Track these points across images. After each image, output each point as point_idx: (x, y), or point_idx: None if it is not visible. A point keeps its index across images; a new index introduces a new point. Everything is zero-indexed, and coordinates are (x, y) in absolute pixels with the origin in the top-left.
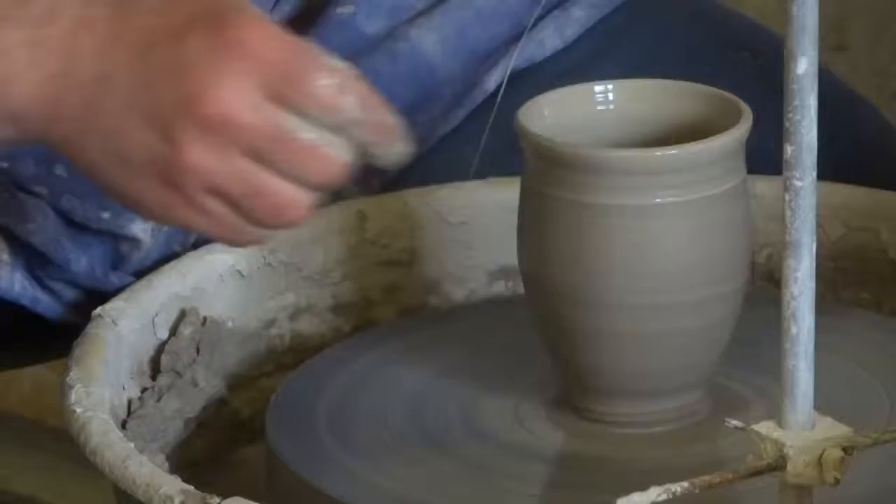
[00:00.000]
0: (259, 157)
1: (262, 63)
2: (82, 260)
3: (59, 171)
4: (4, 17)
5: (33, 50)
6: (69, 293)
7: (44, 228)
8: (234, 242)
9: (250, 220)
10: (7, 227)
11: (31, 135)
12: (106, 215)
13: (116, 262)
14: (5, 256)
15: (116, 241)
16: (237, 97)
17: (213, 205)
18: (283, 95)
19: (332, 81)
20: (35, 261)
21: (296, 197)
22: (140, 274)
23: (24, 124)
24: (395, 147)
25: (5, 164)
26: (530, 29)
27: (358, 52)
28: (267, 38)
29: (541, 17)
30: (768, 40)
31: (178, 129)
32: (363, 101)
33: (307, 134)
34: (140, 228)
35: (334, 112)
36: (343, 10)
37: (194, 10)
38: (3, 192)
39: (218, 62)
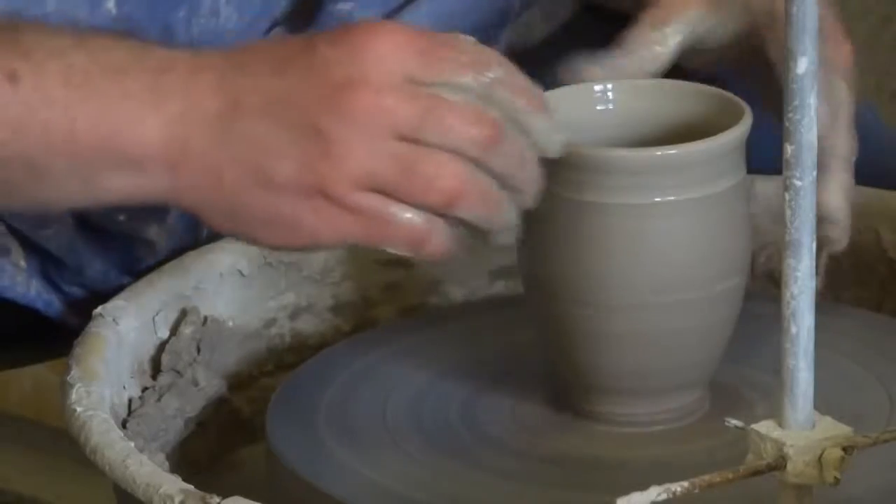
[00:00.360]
0: (410, 134)
1: (396, 46)
2: (97, 264)
3: None
4: (123, 69)
5: (154, 94)
6: (83, 297)
7: (59, 234)
8: (391, 243)
9: (407, 201)
10: (23, 232)
11: (153, 185)
12: (121, 218)
13: (131, 265)
14: (22, 262)
15: (132, 245)
16: (382, 79)
17: (367, 200)
18: (426, 69)
19: (469, 48)
20: (50, 265)
21: (452, 165)
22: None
23: (146, 173)
24: (542, 117)
25: None
26: (518, 15)
27: None
28: (391, 27)
29: (528, 5)
30: None
31: (325, 124)
32: (502, 64)
33: (456, 99)
34: (155, 232)
35: (478, 71)
36: (343, 6)
37: (312, 37)
38: None
39: (354, 54)
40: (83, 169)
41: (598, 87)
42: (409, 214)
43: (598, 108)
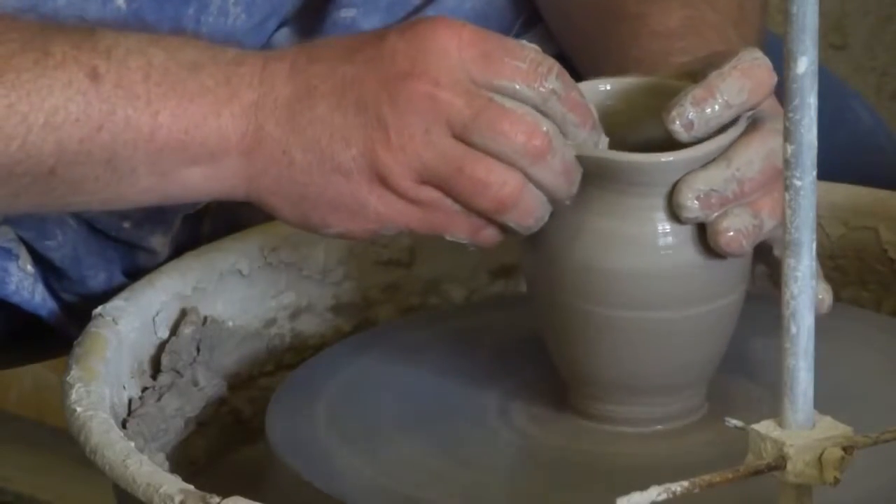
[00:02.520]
0: (461, 132)
1: (461, 44)
2: (100, 275)
3: None
4: (199, 65)
5: (229, 88)
6: (83, 308)
7: (63, 245)
8: (452, 233)
9: (459, 201)
10: (30, 241)
11: (228, 175)
12: (126, 225)
13: (133, 273)
14: (29, 268)
15: (134, 252)
16: (442, 73)
17: (424, 193)
18: (486, 71)
19: (531, 55)
20: (52, 276)
21: (501, 172)
22: None
23: (222, 164)
24: (590, 133)
25: None
26: (517, 36)
27: None
28: (460, 26)
29: (527, 28)
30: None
31: (385, 112)
32: (561, 76)
33: (513, 105)
34: (159, 242)
35: (536, 80)
36: (346, 14)
37: (384, 28)
38: None
39: (420, 47)
40: (163, 163)
41: (600, 87)
42: (465, 215)
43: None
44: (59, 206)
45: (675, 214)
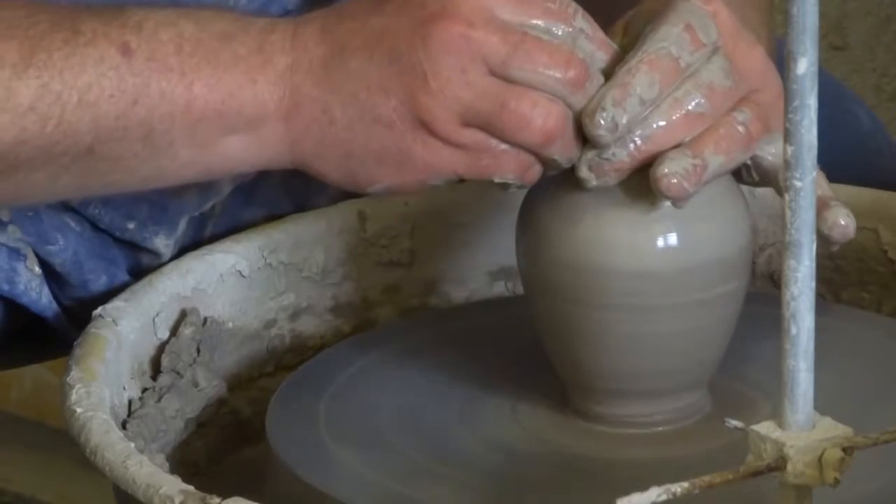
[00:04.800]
0: (499, 69)
1: None
2: (102, 279)
3: None
4: (231, 35)
5: (262, 55)
6: (85, 312)
7: (64, 249)
8: (500, 174)
9: (503, 138)
10: (32, 245)
11: (268, 142)
12: (131, 225)
13: (135, 274)
14: (37, 269)
15: (137, 253)
16: (474, 13)
17: (468, 135)
18: (516, 9)
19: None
20: (53, 281)
21: (544, 104)
22: None
23: (261, 130)
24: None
25: None
26: None
27: None
28: None
29: None
30: None
31: (421, 57)
32: (586, 17)
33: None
34: (162, 243)
35: (566, 20)
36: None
37: None
38: (28, 210)
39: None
40: (201, 135)
41: None
42: (510, 147)
43: None
44: (100, 185)
45: (674, 212)
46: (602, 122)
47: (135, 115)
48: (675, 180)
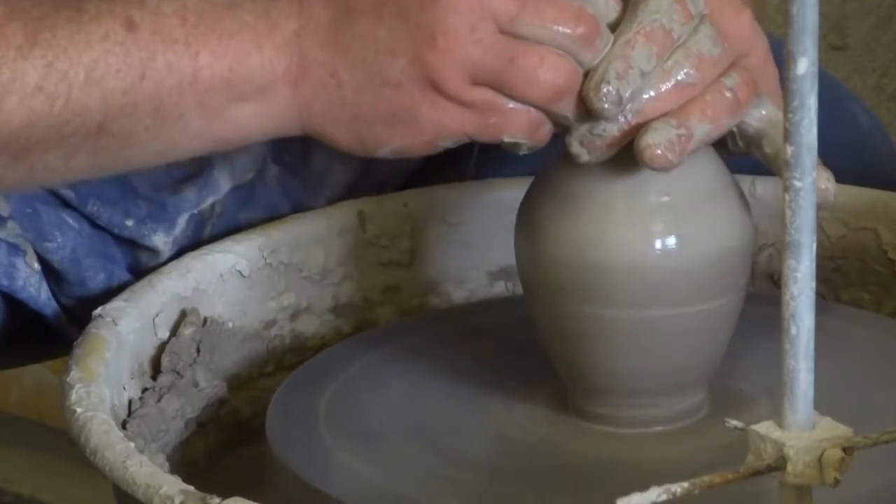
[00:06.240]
0: (508, 26)
1: None
2: (100, 276)
3: None
4: (234, 3)
5: (268, 21)
6: (83, 309)
7: (62, 246)
8: (509, 132)
9: (515, 98)
10: (30, 242)
11: (277, 108)
12: (129, 223)
13: (134, 272)
14: (36, 265)
15: (136, 251)
16: None
17: (476, 93)
18: None
19: None
20: (52, 278)
21: (553, 59)
22: None
23: (269, 97)
24: None
25: None
26: None
27: None
28: None
29: None
30: None
31: (429, 16)
32: None
33: None
34: (161, 241)
35: None
36: None
37: None
38: (27, 207)
39: None
40: (210, 104)
41: None
42: (520, 105)
43: None
44: (113, 162)
45: (674, 211)
46: (606, 95)
47: (143, 89)
48: (660, 151)
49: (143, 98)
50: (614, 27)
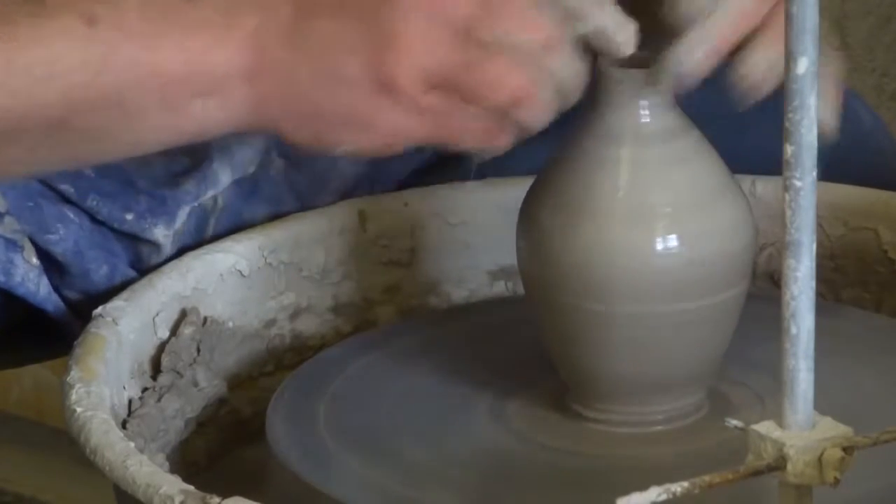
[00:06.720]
0: (470, 31)
1: None
2: (103, 269)
3: (87, 170)
4: None
5: (229, 16)
6: (86, 303)
7: (64, 238)
8: (463, 140)
9: (473, 104)
10: (31, 235)
11: (236, 103)
12: (129, 217)
13: (135, 266)
14: (34, 260)
15: (137, 245)
16: None
17: (433, 100)
18: None
19: None
20: (54, 271)
21: (512, 68)
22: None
23: (227, 93)
24: (608, 16)
25: None
26: None
27: None
28: None
29: None
30: None
31: (387, 18)
32: None
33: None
34: (161, 234)
35: None
36: None
37: None
38: (28, 201)
39: None
40: (171, 98)
41: None
42: (477, 112)
43: None
44: (76, 157)
45: (675, 212)
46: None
47: (104, 84)
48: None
49: (105, 92)
50: None
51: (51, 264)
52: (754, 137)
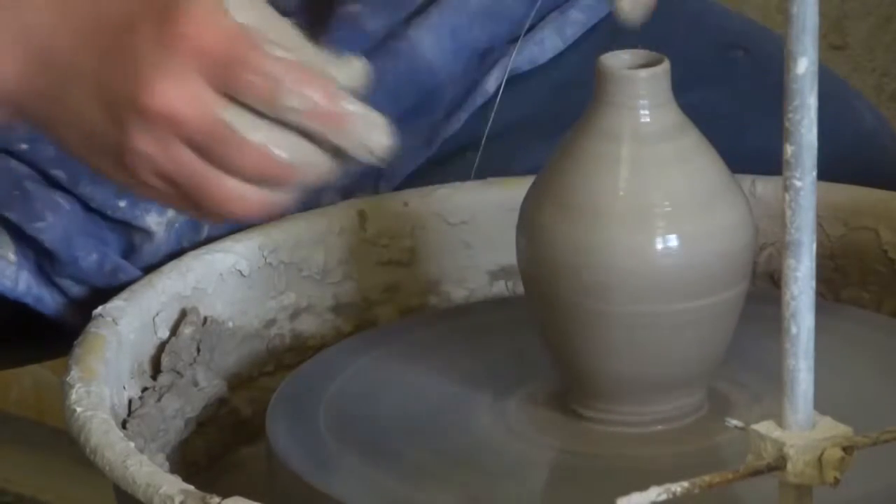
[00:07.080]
0: (201, 150)
1: (205, 56)
2: (92, 256)
3: None
4: None
5: (12, 28)
6: (76, 291)
7: (53, 226)
8: (195, 216)
9: (200, 208)
10: (17, 223)
11: (11, 110)
12: (122, 204)
13: (128, 254)
14: (11, 255)
15: (130, 232)
16: (178, 92)
17: (164, 186)
18: (225, 86)
19: (269, 70)
20: (44, 259)
21: (240, 192)
22: (147, 271)
23: (8, 102)
24: (365, 139)
25: (25, 146)
26: (529, 30)
27: (364, 52)
28: (212, 30)
29: (540, 19)
30: (761, 38)
31: (126, 119)
32: (311, 88)
33: (248, 132)
34: (154, 221)
35: (270, 102)
36: (351, 9)
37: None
38: (14, 189)
39: (162, 57)
40: None
41: None
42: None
43: None
44: None
45: (675, 212)
46: None
47: None
48: None
49: None
50: None
51: (41, 252)
52: (754, 137)
